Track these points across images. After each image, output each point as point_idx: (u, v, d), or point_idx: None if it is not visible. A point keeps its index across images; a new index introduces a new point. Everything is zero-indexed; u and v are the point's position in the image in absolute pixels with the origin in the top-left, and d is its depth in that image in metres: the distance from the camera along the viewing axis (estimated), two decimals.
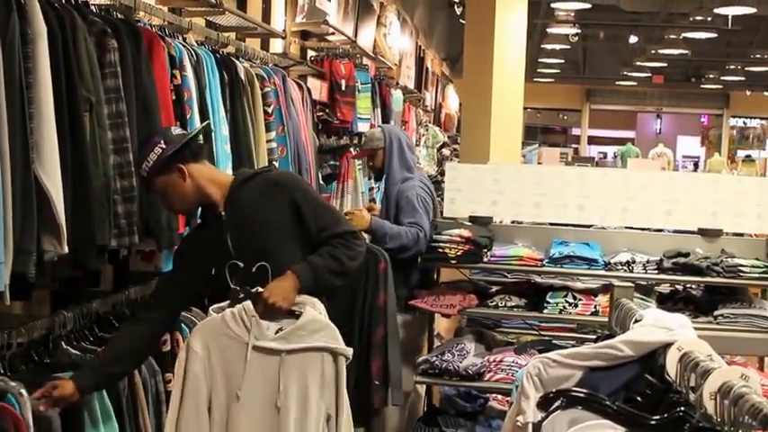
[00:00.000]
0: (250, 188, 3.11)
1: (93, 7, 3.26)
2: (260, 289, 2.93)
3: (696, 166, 24.45)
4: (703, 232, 4.89)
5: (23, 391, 2.63)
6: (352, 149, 7.00)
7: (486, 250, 4.65)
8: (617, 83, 25.04)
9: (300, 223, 3.07)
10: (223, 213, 3.10)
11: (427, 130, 12.32)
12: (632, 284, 3.00)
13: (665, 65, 21.33)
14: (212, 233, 3.11)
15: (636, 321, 2.44)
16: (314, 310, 2.97)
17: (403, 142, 4.92)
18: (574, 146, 25.71)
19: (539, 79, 23.26)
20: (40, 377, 2.85)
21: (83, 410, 2.92)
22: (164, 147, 3.01)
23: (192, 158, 3.08)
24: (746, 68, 21.54)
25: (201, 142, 3.29)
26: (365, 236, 4.32)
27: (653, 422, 2.01)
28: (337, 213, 3.26)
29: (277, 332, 2.92)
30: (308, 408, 2.90)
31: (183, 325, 3.45)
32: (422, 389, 5.15)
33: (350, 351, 2.99)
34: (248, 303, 2.90)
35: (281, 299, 2.93)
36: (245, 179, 3.14)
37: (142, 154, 3.02)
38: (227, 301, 2.96)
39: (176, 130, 3.13)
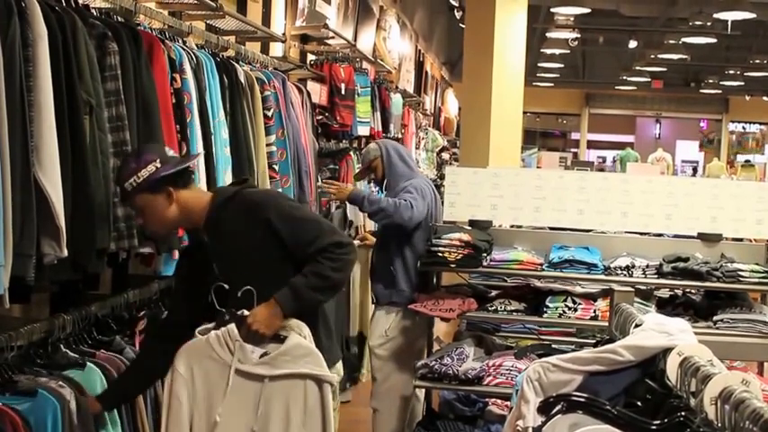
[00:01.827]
0: (229, 212, 3.04)
1: (93, 10, 3.27)
2: (246, 312, 2.93)
3: (695, 170, 24.45)
4: (703, 237, 4.89)
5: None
6: (351, 153, 7.01)
7: (485, 254, 4.64)
8: (616, 87, 25.05)
9: (279, 242, 3.01)
10: (206, 240, 3.07)
11: (427, 133, 12.33)
12: (632, 289, 2.99)
13: (665, 69, 21.35)
14: (202, 254, 3.10)
15: (636, 326, 2.43)
16: (300, 334, 2.95)
17: (400, 150, 5.16)
18: (573, 150, 25.70)
19: (538, 83, 23.27)
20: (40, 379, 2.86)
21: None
22: (158, 166, 2.94)
23: (182, 185, 3.03)
24: (746, 73, 21.55)
25: (193, 169, 3.26)
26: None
27: (653, 427, 2.00)
28: (319, 224, 3.09)
29: (262, 356, 2.91)
30: None
31: None
32: (421, 393, 5.14)
33: (335, 378, 2.98)
34: (232, 327, 2.90)
35: (263, 326, 2.91)
36: (224, 201, 3.06)
37: (132, 168, 2.93)
38: (214, 323, 2.96)
39: (171, 152, 3.07)
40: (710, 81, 23.70)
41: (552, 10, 14.24)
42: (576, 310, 4.66)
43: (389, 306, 4.97)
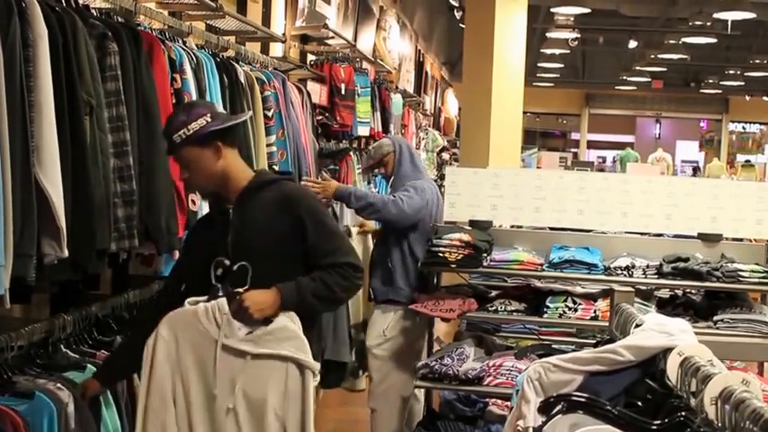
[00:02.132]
0: (265, 195, 3.05)
1: (93, 11, 3.27)
2: (240, 290, 2.90)
3: (695, 171, 24.45)
4: (703, 237, 4.89)
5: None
6: (351, 153, 7.01)
7: (485, 255, 4.64)
8: (616, 87, 25.06)
9: (301, 243, 3.02)
10: (231, 212, 3.06)
11: (427, 134, 12.34)
12: (632, 289, 2.99)
13: (665, 69, 21.36)
14: (216, 228, 3.09)
15: (637, 326, 2.43)
16: (288, 319, 2.93)
17: (412, 150, 5.19)
18: (573, 150, 25.70)
19: (538, 83, 23.27)
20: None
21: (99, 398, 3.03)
22: (209, 120, 2.96)
23: (230, 142, 3.04)
24: (746, 73, 21.56)
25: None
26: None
27: (654, 427, 2.00)
28: (343, 240, 3.14)
29: (247, 334, 2.88)
30: (263, 417, 2.86)
31: None
32: (421, 393, 5.14)
33: (317, 366, 2.93)
34: (222, 301, 2.88)
35: (256, 308, 2.88)
36: (264, 183, 3.08)
37: (182, 121, 2.95)
38: (206, 297, 2.93)
39: (220, 109, 3.10)
40: (710, 81, 23.71)
41: (552, 10, 14.25)
42: (576, 310, 4.66)
43: (387, 305, 4.97)
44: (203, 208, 3.62)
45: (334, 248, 3.03)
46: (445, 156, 13.47)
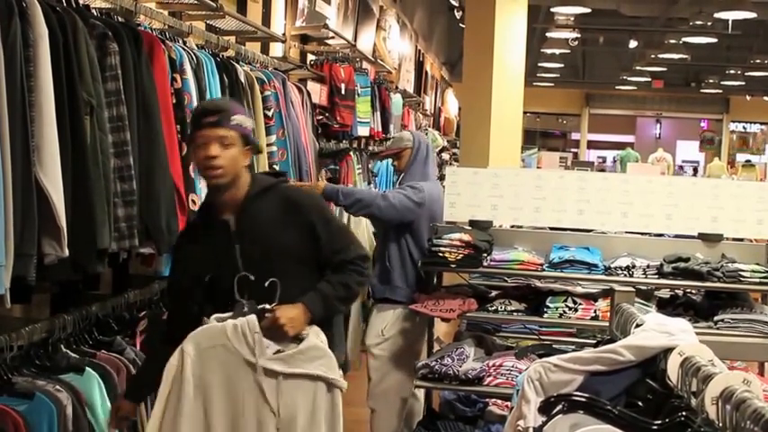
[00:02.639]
0: (267, 201, 3.04)
1: (94, 11, 3.27)
2: (267, 306, 2.85)
3: (696, 170, 24.45)
4: (703, 237, 4.88)
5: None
6: (351, 153, 7.01)
7: (485, 254, 4.64)
8: (617, 87, 25.07)
9: (314, 245, 3.03)
10: (231, 221, 3.02)
11: (427, 134, 12.33)
12: (633, 289, 2.98)
13: (665, 69, 21.36)
14: (214, 237, 3.05)
15: (637, 326, 2.43)
16: (316, 336, 2.89)
17: (430, 151, 5.15)
18: (573, 150, 25.71)
19: (538, 83, 23.28)
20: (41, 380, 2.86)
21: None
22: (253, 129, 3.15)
23: (255, 150, 3.14)
24: (746, 73, 21.57)
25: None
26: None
27: (655, 427, 2.00)
28: (349, 234, 3.20)
29: (276, 353, 2.83)
30: None
31: None
32: (421, 393, 5.14)
33: (345, 384, 2.91)
34: (253, 318, 2.81)
35: (291, 326, 2.85)
36: (264, 188, 3.07)
37: (244, 112, 3.10)
38: (230, 313, 2.87)
39: None
40: (711, 81, 23.72)
41: (552, 10, 14.25)
42: (576, 310, 4.65)
43: (384, 304, 4.96)
44: None
45: (346, 244, 3.07)
46: (445, 156, 13.46)
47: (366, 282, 3.11)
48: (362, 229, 6.03)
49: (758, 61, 19.77)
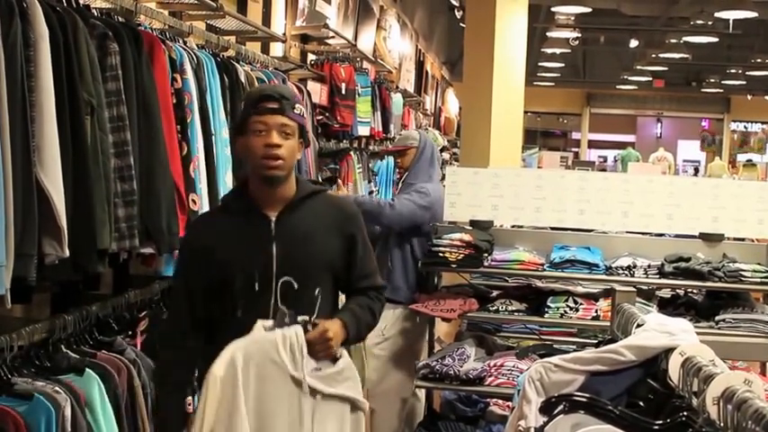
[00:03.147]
0: (315, 205, 2.90)
1: (94, 11, 3.26)
2: (308, 318, 2.70)
3: (696, 170, 24.44)
4: (704, 237, 4.88)
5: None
6: (351, 153, 7.01)
7: (486, 254, 4.64)
8: (617, 87, 25.07)
9: (348, 259, 2.91)
10: (273, 218, 2.86)
11: (427, 133, 12.31)
12: (634, 289, 2.98)
13: (666, 69, 21.35)
14: (249, 233, 2.86)
15: (638, 326, 2.43)
16: (347, 356, 2.80)
17: (435, 152, 5.15)
18: (574, 150, 25.71)
19: (539, 83, 23.28)
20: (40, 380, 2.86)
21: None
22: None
23: (306, 145, 2.94)
24: (747, 72, 21.56)
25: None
26: None
27: (656, 427, 2.00)
28: (376, 261, 3.08)
29: (314, 370, 2.68)
30: None
31: None
32: (422, 393, 5.14)
33: (367, 405, 2.82)
34: (300, 331, 2.65)
35: (335, 341, 2.71)
36: (312, 192, 2.92)
37: (300, 97, 2.97)
38: (273, 320, 2.70)
39: None
40: (712, 80, 23.72)
41: (553, 9, 14.24)
42: (577, 310, 4.65)
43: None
44: (204, 207, 3.62)
45: (374, 270, 2.98)
46: (445, 156, 13.45)
47: (382, 313, 3.01)
48: None
49: (759, 61, 19.76)
